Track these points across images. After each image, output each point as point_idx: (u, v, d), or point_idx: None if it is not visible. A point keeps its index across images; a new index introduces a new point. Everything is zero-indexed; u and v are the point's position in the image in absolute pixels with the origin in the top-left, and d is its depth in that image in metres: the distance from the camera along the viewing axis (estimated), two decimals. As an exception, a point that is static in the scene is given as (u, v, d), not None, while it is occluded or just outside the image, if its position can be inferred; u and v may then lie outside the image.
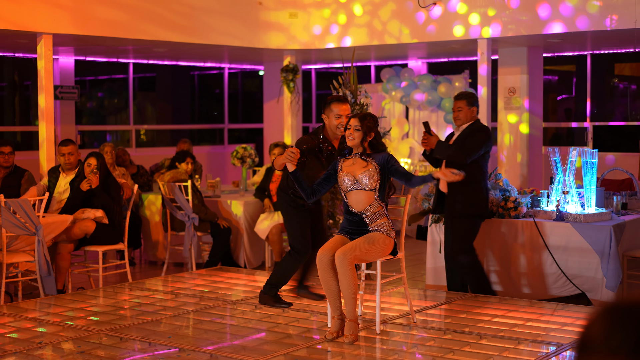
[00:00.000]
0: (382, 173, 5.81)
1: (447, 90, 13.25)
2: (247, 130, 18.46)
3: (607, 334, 1.23)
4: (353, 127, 5.83)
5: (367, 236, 5.78)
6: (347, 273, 5.57)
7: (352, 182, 5.82)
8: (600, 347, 1.23)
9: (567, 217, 7.55)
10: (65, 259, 7.99)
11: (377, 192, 5.80)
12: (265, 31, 12.64)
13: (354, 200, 5.84)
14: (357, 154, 5.89)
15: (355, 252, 5.63)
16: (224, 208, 9.94)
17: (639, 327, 1.21)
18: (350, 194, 5.85)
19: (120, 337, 5.84)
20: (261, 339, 5.84)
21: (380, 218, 5.82)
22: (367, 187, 5.79)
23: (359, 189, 5.81)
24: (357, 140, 5.82)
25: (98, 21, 10.83)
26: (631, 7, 9.90)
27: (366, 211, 5.81)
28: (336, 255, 5.59)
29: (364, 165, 5.82)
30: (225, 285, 7.86)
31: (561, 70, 16.26)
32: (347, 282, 5.58)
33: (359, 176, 5.80)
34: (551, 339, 5.75)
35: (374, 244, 5.76)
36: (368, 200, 5.80)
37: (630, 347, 1.19)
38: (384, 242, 5.82)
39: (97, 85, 17.85)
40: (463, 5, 11.21)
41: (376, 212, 5.81)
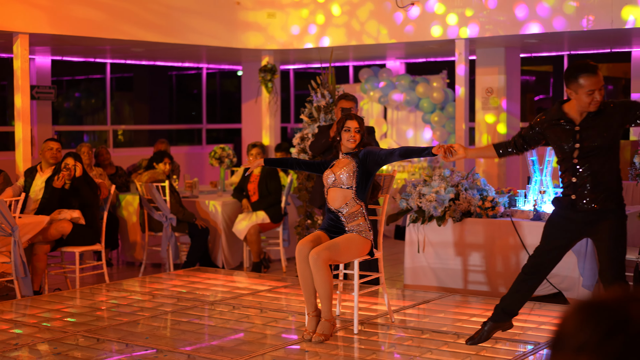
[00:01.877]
0: (360, 171, 5.81)
1: (425, 91, 13.28)
2: (225, 130, 18.43)
3: (575, 331, 1.25)
4: (354, 129, 5.87)
5: (343, 237, 5.79)
6: (321, 272, 5.57)
7: (333, 180, 5.86)
8: (570, 343, 1.25)
9: (544, 216, 7.58)
10: (42, 260, 7.93)
11: (354, 191, 5.82)
12: (243, 31, 12.62)
13: (332, 197, 5.87)
14: (346, 153, 5.93)
15: (330, 252, 5.63)
16: (202, 208, 9.91)
17: (605, 323, 1.23)
18: (330, 191, 5.90)
19: (97, 339, 5.80)
20: (239, 340, 5.83)
21: (358, 219, 5.82)
22: (344, 185, 5.81)
23: (337, 187, 5.84)
24: (358, 142, 5.87)
25: (75, 21, 10.76)
26: (607, 7, 9.95)
27: (342, 209, 5.82)
28: (310, 255, 5.59)
29: (346, 164, 5.86)
30: (203, 285, 7.84)
31: (539, 71, 16.35)
32: (322, 281, 5.58)
33: (338, 174, 5.83)
34: (528, 338, 5.78)
35: (349, 246, 5.76)
36: (345, 199, 5.82)
37: (596, 343, 1.22)
38: (359, 244, 5.82)
39: (74, 86, 17.76)
40: (441, 6, 11.24)
41: (353, 212, 5.82)
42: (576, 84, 5.01)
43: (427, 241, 8.00)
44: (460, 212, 7.80)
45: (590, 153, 5.13)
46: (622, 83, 16.09)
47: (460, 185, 7.88)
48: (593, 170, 5.13)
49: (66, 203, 8.19)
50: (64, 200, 8.19)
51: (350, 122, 5.89)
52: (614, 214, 5.16)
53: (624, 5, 9.87)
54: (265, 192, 9.55)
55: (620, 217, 5.20)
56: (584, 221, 5.24)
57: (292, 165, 6.28)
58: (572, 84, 5.03)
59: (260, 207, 9.54)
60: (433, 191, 7.83)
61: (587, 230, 5.28)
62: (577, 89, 5.01)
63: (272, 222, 9.58)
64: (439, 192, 7.80)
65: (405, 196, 8.23)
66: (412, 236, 8.13)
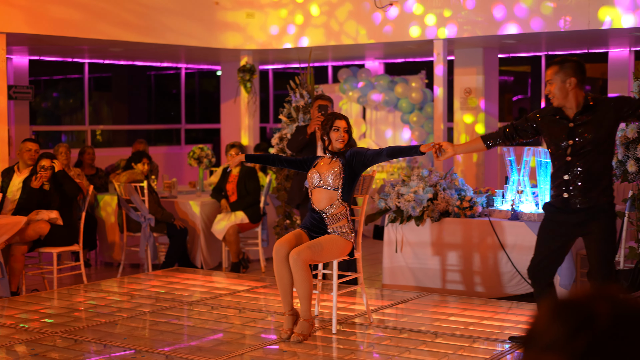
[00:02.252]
0: (347, 172, 5.81)
1: (404, 91, 13.32)
2: (204, 130, 18.39)
3: (544, 329, 1.27)
4: (342, 129, 5.87)
5: (324, 237, 5.79)
6: (301, 272, 5.57)
7: (318, 180, 5.85)
8: (539, 341, 1.27)
9: (521, 216, 7.63)
10: (19, 260, 7.89)
11: (340, 192, 5.82)
12: (222, 31, 12.60)
13: (316, 198, 5.87)
14: (331, 153, 5.91)
15: (311, 252, 5.63)
16: (181, 209, 9.89)
17: (572, 321, 1.25)
18: (315, 191, 5.89)
19: (74, 339, 5.78)
20: (217, 340, 5.82)
21: (341, 220, 5.83)
22: (329, 186, 5.81)
23: (322, 188, 5.83)
24: (347, 141, 5.87)
25: (52, 20, 10.71)
26: (584, 8, 10.02)
27: (327, 210, 5.82)
28: (290, 255, 5.59)
29: (332, 165, 5.85)
30: (182, 286, 7.82)
31: (517, 71, 16.43)
32: (301, 281, 5.58)
33: (324, 175, 5.83)
34: (506, 337, 5.80)
35: (331, 247, 5.77)
36: (330, 200, 5.82)
37: (563, 341, 1.23)
38: (341, 245, 5.83)
39: (52, 85, 17.67)
40: (419, 6, 11.27)
41: (337, 214, 5.82)
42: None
43: (405, 241, 8.03)
44: (438, 212, 7.83)
45: (583, 150, 5.15)
46: (600, 83, 16.19)
47: (439, 185, 7.91)
48: (586, 168, 5.15)
49: (45, 203, 8.15)
50: (43, 201, 8.15)
51: (339, 121, 5.88)
52: (605, 213, 5.19)
53: (600, 6, 9.95)
54: (244, 192, 9.55)
55: (611, 216, 5.23)
56: (575, 222, 5.24)
57: (274, 161, 6.28)
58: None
59: (239, 207, 9.53)
60: (411, 191, 7.86)
61: (578, 231, 5.30)
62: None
63: (250, 222, 9.57)
64: (417, 192, 7.83)
65: (384, 196, 8.25)
66: (391, 236, 8.15)
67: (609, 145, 5.21)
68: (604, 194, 5.20)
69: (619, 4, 9.82)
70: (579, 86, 5.19)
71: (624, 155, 7.12)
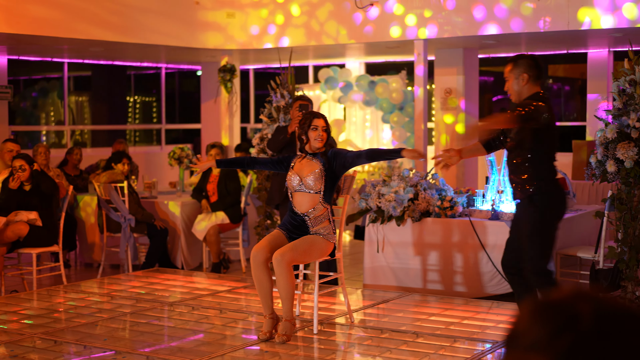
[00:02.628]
0: (328, 174, 5.79)
1: (384, 91, 13.34)
2: (184, 130, 18.34)
3: (526, 329, 1.27)
4: (321, 128, 5.82)
5: (306, 238, 5.77)
6: (285, 274, 5.55)
7: (299, 183, 5.81)
8: (521, 341, 1.27)
9: (502, 216, 7.65)
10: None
11: (322, 195, 5.79)
12: (203, 31, 12.58)
13: (298, 202, 5.84)
14: (310, 154, 5.88)
15: (294, 254, 5.61)
16: (161, 209, 9.85)
17: (554, 321, 1.25)
18: (296, 194, 5.85)
19: (54, 341, 5.75)
20: (198, 341, 5.81)
21: (323, 222, 5.82)
22: (311, 189, 5.78)
23: (304, 191, 5.80)
24: (326, 140, 5.83)
25: (32, 20, 10.65)
26: (564, 9, 10.07)
27: (309, 214, 5.80)
28: (274, 257, 5.57)
29: (312, 167, 5.81)
30: (162, 286, 7.79)
31: (497, 72, 16.48)
32: (285, 283, 5.57)
33: (305, 178, 5.79)
34: (487, 337, 5.82)
35: (313, 248, 5.75)
36: (312, 203, 5.79)
37: (546, 341, 1.24)
38: (323, 246, 5.82)
39: (31, 85, 17.57)
40: (400, 7, 11.29)
41: (319, 216, 5.80)
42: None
43: (386, 241, 8.04)
44: (419, 212, 7.84)
45: (515, 145, 5.41)
46: (579, 84, 16.28)
47: (419, 185, 7.92)
48: (520, 161, 5.39)
49: (24, 204, 8.09)
50: (22, 202, 8.09)
51: (317, 120, 5.83)
52: (535, 207, 5.36)
53: (580, 7, 10.00)
54: (225, 193, 9.53)
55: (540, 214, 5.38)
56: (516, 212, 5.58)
57: (248, 164, 6.21)
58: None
59: (219, 207, 9.51)
60: (392, 191, 7.87)
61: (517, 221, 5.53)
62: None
63: (231, 222, 9.55)
64: (398, 192, 7.84)
65: (365, 196, 8.26)
66: (372, 236, 8.15)
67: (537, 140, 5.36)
68: (536, 187, 5.37)
69: (598, 5, 9.87)
70: (532, 82, 5.42)
71: (603, 156, 7.16)
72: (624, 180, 7.05)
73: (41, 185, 8.13)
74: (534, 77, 5.43)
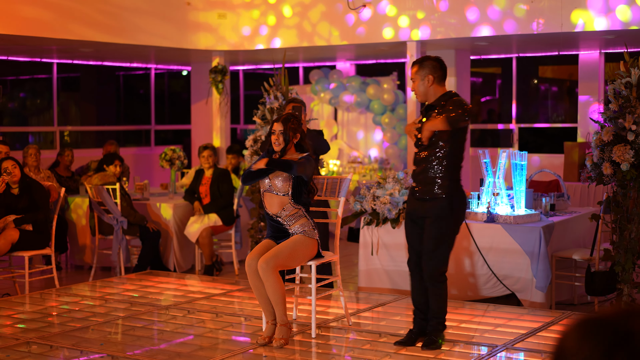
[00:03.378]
0: (296, 178, 5.75)
1: (376, 92, 13.31)
2: (173, 131, 18.26)
3: (577, 348, 1.24)
4: (278, 132, 5.77)
5: (288, 241, 5.73)
6: (271, 280, 5.52)
7: (268, 185, 5.78)
8: (571, 358, 1.24)
9: (497, 218, 7.64)
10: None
11: (290, 197, 5.75)
12: (194, 32, 12.52)
13: (268, 202, 5.82)
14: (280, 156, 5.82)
15: (278, 259, 5.57)
16: (153, 211, 9.79)
17: (606, 339, 1.22)
18: (266, 194, 5.83)
19: (50, 345, 5.69)
20: (195, 345, 5.76)
21: (299, 219, 5.78)
22: (279, 191, 5.75)
23: (272, 193, 5.77)
24: (283, 145, 5.77)
25: (22, 20, 10.57)
26: (557, 11, 10.07)
27: (280, 214, 5.77)
28: (259, 265, 5.54)
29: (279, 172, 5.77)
30: (156, 290, 7.74)
31: (485, 73, 16.49)
32: (273, 289, 5.54)
33: (273, 180, 5.75)
34: (485, 340, 5.80)
35: (296, 249, 5.71)
36: (281, 204, 5.76)
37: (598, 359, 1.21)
38: (306, 245, 5.77)
39: (19, 85, 17.45)
40: (392, 8, 11.27)
41: (292, 215, 5.76)
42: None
43: (381, 243, 8.00)
44: (414, 215, 7.80)
45: (423, 144, 5.52)
46: (567, 85, 16.31)
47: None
48: (426, 160, 5.54)
49: (12, 208, 7.97)
50: (10, 205, 7.96)
51: (275, 124, 5.79)
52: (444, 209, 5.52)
53: (573, 9, 10.00)
54: (217, 195, 9.48)
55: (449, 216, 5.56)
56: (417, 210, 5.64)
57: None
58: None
59: (212, 209, 9.47)
60: (387, 193, 7.84)
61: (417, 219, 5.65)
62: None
63: (224, 224, 9.51)
64: (393, 195, 7.81)
65: (359, 198, 8.22)
66: (366, 238, 8.12)
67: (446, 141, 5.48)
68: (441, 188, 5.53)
69: (592, 7, 9.88)
70: (437, 83, 5.57)
71: (599, 158, 7.15)
72: (620, 182, 7.04)
73: (34, 195, 8.01)
74: (438, 79, 5.59)
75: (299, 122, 5.84)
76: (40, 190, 8.10)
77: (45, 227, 8.12)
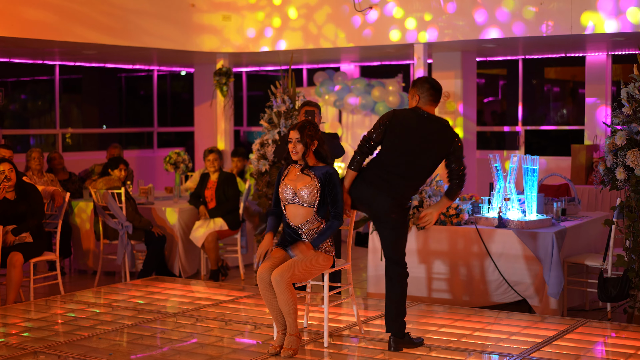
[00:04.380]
0: (322, 189, 5.65)
1: (381, 94, 13.21)
2: (176, 133, 18.15)
3: None
4: (295, 140, 5.66)
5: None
6: (285, 293, 5.43)
7: (292, 195, 5.67)
8: None
9: (508, 223, 7.54)
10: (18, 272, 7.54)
11: (315, 208, 5.65)
12: (198, 34, 12.42)
13: (292, 213, 5.70)
14: (301, 166, 5.71)
15: (293, 273, 5.47)
16: (158, 215, 9.68)
17: None
18: (289, 206, 5.71)
19: (58, 355, 5.58)
20: (206, 355, 5.65)
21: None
22: (305, 202, 5.64)
23: (297, 204, 5.66)
24: (301, 154, 5.66)
25: (25, 23, 10.47)
26: (567, 13, 9.97)
27: (303, 227, 5.66)
28: (272, 277, 5.44)
29: (306, 180, 5.66)
30: (163, 296, 7.63)
31: (488, 74, 16.38)
32: (286, 301, 5.45)
33: (299, 191, 5.64)
34: (500, 350, 5.70)
35: (313, 264, 5.61)
36: (305, 216, 5.65)
37: None
38: (322, 261, 5.68)
39: (20, 87, 17.33)
40: (399, 10, 11.16)
41: (313, 229, 5.66)
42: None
43: (390, 249, 7.88)
44: (424, 220, 7.70)
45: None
46: (570, 85, 16.21)
47: (424, 192, 7.79)
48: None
49: (11, 215, 7.76)
50: (9, 212, 7.75)
51: (292, 132, 5.68)
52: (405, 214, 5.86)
53: (583, 11, 9.90)
54: (223, 199, 9.38)
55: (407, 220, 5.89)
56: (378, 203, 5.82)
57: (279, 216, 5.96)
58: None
59: (217, 214, 9.37)
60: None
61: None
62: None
63: (230, 229, 9.41)
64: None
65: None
66: (376, 244, 8.02)
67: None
68: (409, 199, 5.88)
69: (602, 9, 9.77)
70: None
71: (613, 163, 7.06)
72: (634, 187, 6.94)
73: (29, 199, 7.80)
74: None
75: (316, 128, 5.72)
76: (35, 195, 7.88)
77: (40, 231, 7.94)
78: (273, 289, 5.50)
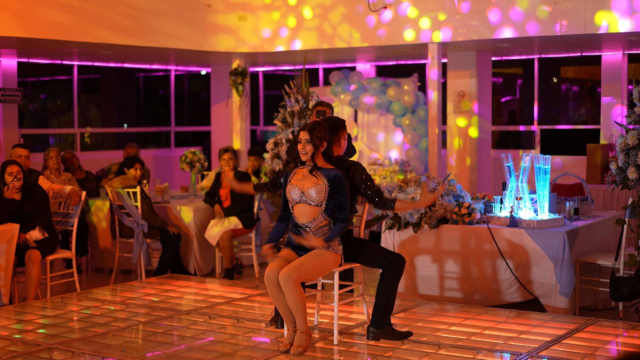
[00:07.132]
0: (331, 190, 5.69)
1: (397, 94, 13.25)
2: (193, 132, 18.25)
3: None
4: (304, 141, 5.70)
5: (311, 254, 5.66)
6: (293, 292, 5.47)
7: (299, 195, 5.71)
8: None
9: (520, 223, 7.56)
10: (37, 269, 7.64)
11: (323, 208, 5.70)
12: (214, 34, 12.50)
13: (299, 212, 5.75)
14: (309, 167, 5.76)
15: (300, 272, 5.52)
16: (174, 214, 9.77)
17: None
18: (297, 206, 5.75)
19: (72, 352, 5.67)
20: (217, 352, 5.72)
21: (327, 233, 5.72)
22: (313, 201, 5.68)
23: (305, 203, 5.71)
24: (310, 154, 5.70)
25: (43, 23, 10.58)
26: (580, 12, 9.98)
27: (310, 224, 5.70)
28: (280, 276, 5.48)
29: (314, 181, 5.70)
30: (177, 294, 7.71)
31: (505, 73, 16.37)
32: (294, 300, 5.49)
33: (307, 190, 5.69)
34: (509, 348, 5.73)
35: (320, 263, 5.64)
36: (313, 214, 5.70)
37: None
38: (330, 260, 5.71)
39: (40, 87, 17.50)
40: (414, 10, 11.20)
41: (321, 227, 5.71)
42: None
43: (402, 248, 7.94)
44: (436, 219, 7.76)
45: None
46: (589, 85, 16.18)
47: (436, 191, 7.81)
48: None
49: (19, 214, 7.80)
50: (18, 212, 7.79)
51: (302, 133, 5.72)
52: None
53: (597, 10, 9.91)
54: (238, 198, 9.45)
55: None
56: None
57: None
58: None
59: (232, 212, 9.44)
60: (409, 197, 7.78)
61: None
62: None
63: (244, 227, 9.48)
64: (415, 199, 7.74)
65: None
66: (388, 243, 8.06)
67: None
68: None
69: (616, 9, 9.77)
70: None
71: (624, 162, 7.06)
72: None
73: (35, 199, 7.85)
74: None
75: (326, 129, 5.76)
76: (41, 194, 7.95)
77: (51, 229, 8.01)
78: (280, 288, 5.56)
